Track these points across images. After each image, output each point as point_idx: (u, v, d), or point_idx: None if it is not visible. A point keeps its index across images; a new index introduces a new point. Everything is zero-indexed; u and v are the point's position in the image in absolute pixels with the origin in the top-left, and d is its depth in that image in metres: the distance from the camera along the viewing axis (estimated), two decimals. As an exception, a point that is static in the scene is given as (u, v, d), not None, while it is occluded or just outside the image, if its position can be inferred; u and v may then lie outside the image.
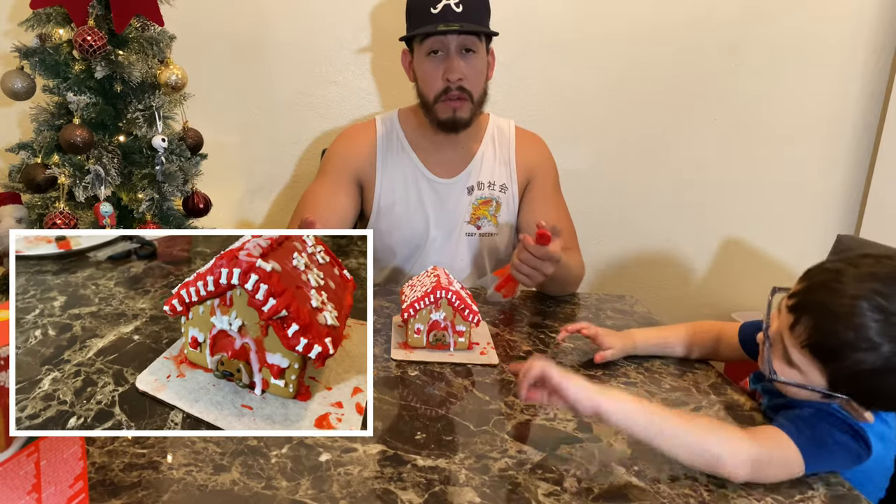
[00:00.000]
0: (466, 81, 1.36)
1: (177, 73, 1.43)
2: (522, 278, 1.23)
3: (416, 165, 1.48)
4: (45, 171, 1.34)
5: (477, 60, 1.37)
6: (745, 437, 0.78)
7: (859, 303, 0.76)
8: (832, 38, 1.89)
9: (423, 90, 1.40)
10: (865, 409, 0.79)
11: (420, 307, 1.05)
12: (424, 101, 1.41)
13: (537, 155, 1.54)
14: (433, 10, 1.32)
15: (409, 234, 1.48)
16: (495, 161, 1.51)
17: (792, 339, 0.81)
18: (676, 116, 1.92)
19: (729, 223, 2.01)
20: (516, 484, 0.74)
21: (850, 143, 1.97)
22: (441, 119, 1.39)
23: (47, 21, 1.37)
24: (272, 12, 1.75)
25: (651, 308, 1.39)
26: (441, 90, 1.36)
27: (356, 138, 1.51)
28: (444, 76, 1.35)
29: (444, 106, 1.37)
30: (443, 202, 1.48)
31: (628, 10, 1.83)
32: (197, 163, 1.54)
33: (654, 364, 1.10)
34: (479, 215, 1.49)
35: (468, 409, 0.91)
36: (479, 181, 1.49)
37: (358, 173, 1.48)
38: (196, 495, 0.69)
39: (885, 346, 0.74)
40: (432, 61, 1.36)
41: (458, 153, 1.49)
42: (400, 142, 1.50)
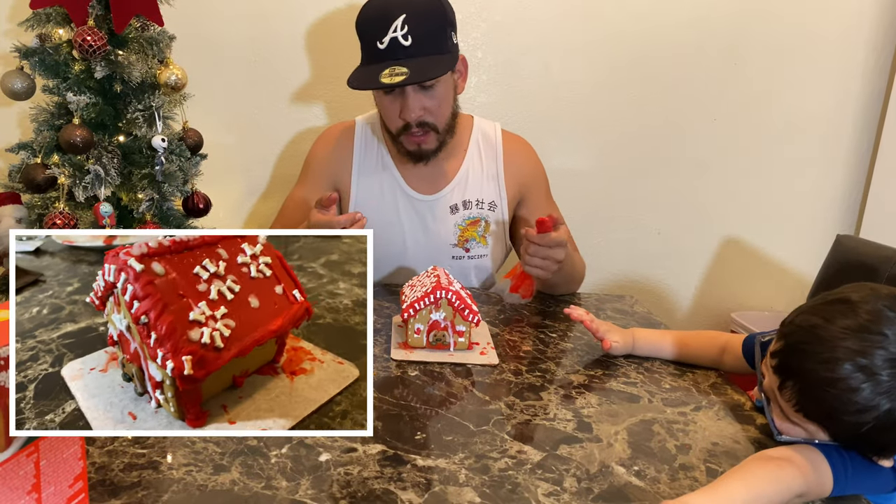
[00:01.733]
0: (428, 115, 1.27)
1: (177, 73, 1.43)
2: (536, 272, 1.19)
3: (395, 178, 1.40)
4: (45, 171, 1.34)
5: (438, 91, 1.26)
6: (794, 457, 0.73)
7: (841, 367, 0.71)
8: (832, 38, 1.89)
9: (386, 122, 1.33)
10: (881, 458, 0.75)
11: (420, 307, 1.05)
12: (389, 132, 1.34)
13: (526, 165, 1.46)
14: (380, 45, 1.20)
15: (382, 253, 1.40)
16: (482, 176, 1.42)
17: (783, 401, 0.78)
18: (676, 116, 1.92)
19: (729, 223, 2.01)
20: (516, 484, 0.74)
21: (850, 142, 1.97)
22: (410, 151, 1.32)
23: (47, 21, 1.37)
24: (272, 12, 1.75)
25: (651, 308, 1.39)
26: (401, 127, 1.28)
27: (334, 141, 1.44)
28: (400, 116, 1.27)
29: (409, 139, 1.30)
30: (423, 221, 1.40)
31: (628, 9, 1.83)
32: (197, 163, 1.54)
33: (655, 364, 1.10)
34: (468, 237, 1.41)
35: (468, 409, 0.91)
36: (465, 199, 1.40)
37: (335, 178, 1.42)
38: (196, 495, 0.69)
39: (884, 404, 0.70)
40: (388, 99, 1.27)
41: (440, 169, 1.40)
42: (379, 149, 1.42)
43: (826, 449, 0.75)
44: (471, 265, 1.44)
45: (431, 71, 1.20)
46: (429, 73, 1.20)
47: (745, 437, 0.89)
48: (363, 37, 1.26)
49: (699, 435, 0.88)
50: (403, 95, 1.24)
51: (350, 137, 1.43)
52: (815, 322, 0.75)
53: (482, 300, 1.36)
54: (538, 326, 1.24)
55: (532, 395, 0.96)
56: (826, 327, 0.73)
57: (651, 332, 1.14)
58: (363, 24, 1.25)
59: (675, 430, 0.89)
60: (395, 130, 1.31)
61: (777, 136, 1.95)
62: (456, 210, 1.41)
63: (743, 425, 0.91)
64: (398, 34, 1.19)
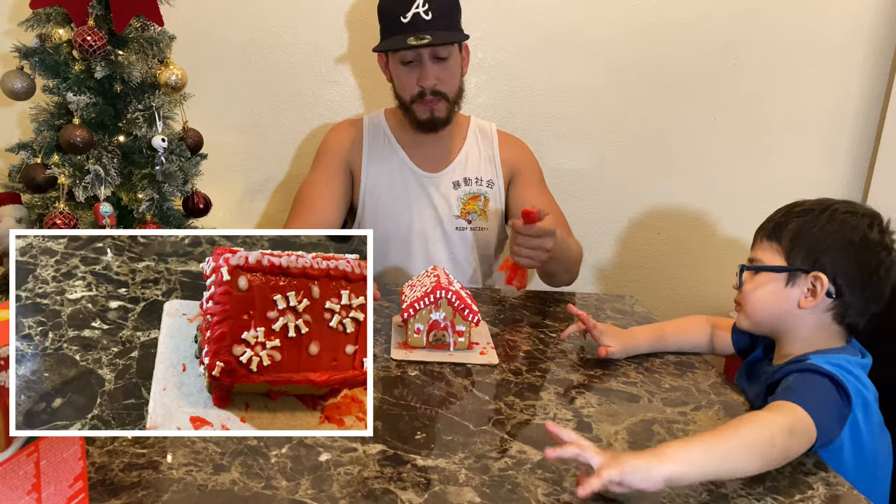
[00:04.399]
0: (440, 85, 1.41)
1: (177, 73, 1.43)
2: (526, 262, 1.25)
3: (402, 158, 1.53)
4: (45, 171, 1.34)
5: (450, 64, 1.41)
6: (769, 415, 0.80)
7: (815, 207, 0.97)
8: (832, 38, 1.89)
9: (401, 93, 1.45)
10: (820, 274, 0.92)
11: (420, 307, 1.05)
12: (402, 103, 1.46)
13: (520, 153, 1.59)
14: (403, 20, 1.36)
15: (393, 228, 1.51)
16: (480, 158, 1.55)
17: (756, 247, 1.00)
18: (676, 116, 1.92)
19: (729, 223, 2.01)
20: (516, 484, 0.74)
21: (849, 142, 1.97)
22: (420, 119, 1.44)
23: (47, 21, 1.37)
24: (272, 12, 1.75)
25: (651, 308, 1.39)
26: (416, 93, 1.41)
27: (345, 130, 1.56)
28: (418, 83, 1.40)
29: (421, 107, 1.42)
30: (429, 196, 1.52)
31: (628, 9, 1.83)
32: (197, 163, 1.54)
33: (655, 364, 1.10)
34: (469, 210, 1.53)
35: (468, 409, 0.91)
36: (465, 177, 1.53)
37: (348, 162, 1.54)
38: (196, 495, 0.69)
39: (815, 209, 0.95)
40: (406, 69, 1.41)
41: (443, 149, 1.54)
42: (386, 136, 1.55)
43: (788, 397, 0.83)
44: (473, 236, 1.54)
45: (450, 38, 1.38)
46: (449, 38, 1.38)
47: (745, 436, 0.89)
48: (387, 12, 1.41)
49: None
50: (421, 65, 1.39)
51: (359, 128, 1.56)
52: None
53: (482, 300, 1.36)
54: (538, 326, 1.24)
55: (532, 395, 0.96)
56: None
57: (648, 328, 1.16)
58: (387, 1, 1.41)
59: (674, 429, 0.89)
60: (409, 98, 1.43)
61: (777, 136, 1.95)
62: (458, 186, 1.53)
63: (743, 425, 0.91)
64: (420, 10, 1.35)
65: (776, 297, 0.96)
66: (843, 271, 0.92)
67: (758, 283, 0.98)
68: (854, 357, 0.93)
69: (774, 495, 0.76)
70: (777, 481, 0.78)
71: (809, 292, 0.93)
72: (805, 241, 0.94)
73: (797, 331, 0.96)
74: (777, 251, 0.96)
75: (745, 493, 0.76)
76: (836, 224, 0.93)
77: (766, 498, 0.75)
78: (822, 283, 0.92)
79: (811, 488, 0.78)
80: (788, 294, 0.94)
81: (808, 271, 0.93)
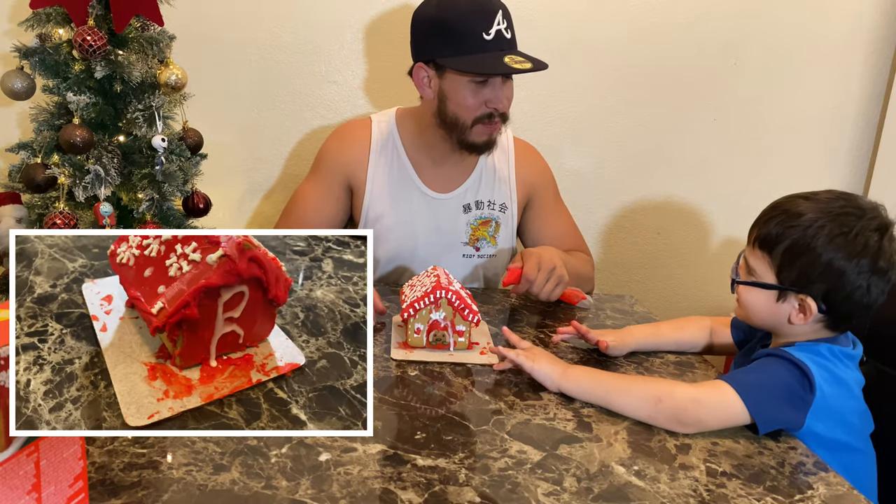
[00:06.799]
0: (508, 106, 1.33)
1: (177, 73, 1.43)
2: (556, 295, 1.28)
3: (410, 176, 1.42)
4: (45, 171, 1.34)
5: (512, 83, 1.33)
6: (684, 383, 0.94)
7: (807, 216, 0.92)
8: (832, 38, 1.89)
9: (458, 112, 1.32)
10: (811, 296, 0.91)
11: (420, 307, 1.05)
12: (456, 122, 1.33)
13: (536, 169, 1.51)
14: (486, 37, 1.25)
15: (393, 250, 1.42)
16: (495, 178, 1.46)
17: (749, 250, 0.99)
18: (676, 116, 1.92)
19: (729, 223, 2.01)
20: (516, 484, 0.74)
21: (849, 142, 1.97)
22: (476, 142, 1.34)
23: (47, 21, 1.37)
24: (272, 12, 1.75)
25: (651, 308, 1.39)
26: (484, 115, 1.31)
27: (349, 138, 1.45)
28: (488, 104, 1.30)
29: (484, 129, 1.32)
30: (436, 219, 1.43)
31: (628, 9, 1.83)
32: (197, 163, 1.54)
33: (655, 363, 1.10)
34: (479, 236, 1.45)
35: (468, 409, 0.91)
36: (477, 199, 1.44)
37: (349, 177, 1.44)
38: (196, 495, 0.69)
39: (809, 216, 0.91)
40: (474, 87, 1.29)
41: (458, 168, 1.44)
42: (395, 148, 1.43)
43: (729, 377, 0.91)
44: (480, 264, 1.47)
45: (540, 61, 1.27)
46: (542, 63, 1.27)
47: (745, 436, 0.89)
48: (465, 27, 1.26)
49: (699, 435, 0.88)
50: (496, 86, 1.29)
51: (366, 135, 1.44)
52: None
53: (482, 300, 1.36)
54: (538, 326, 1.24)
55: (532, 395, 0.96)
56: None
57: (647, 327, 1.17)
58: (464, 15, 1.27)
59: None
60: (472, 120, 1.31)
61: (777, 136, 1.95)
62: (468, 210, 1.44)
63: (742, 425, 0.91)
64: (501, 27, 1.26)
65: (767, 309, 0.96)
66: (833, 296, 0.91)
67: (751, 289, 0.98)
68: (845, 347, 0.94)
69: (774, 495, 0.76)
70: (777, 481, 0.79)
71: (800, 309, 0.93)
72: (797, 260, 0.91)
73: (793, 335, 0.97)
74: (769, 265, 0.95)
75: (745, 492, 0.76)
76: (831, 250, 0.89)
77: (766, 498, 0.75)
78: (811, 307, 0.91)
79: (811, 488, 0.78)
80: (779, 308, 0.95)
81: (798, 291, 0.92)
